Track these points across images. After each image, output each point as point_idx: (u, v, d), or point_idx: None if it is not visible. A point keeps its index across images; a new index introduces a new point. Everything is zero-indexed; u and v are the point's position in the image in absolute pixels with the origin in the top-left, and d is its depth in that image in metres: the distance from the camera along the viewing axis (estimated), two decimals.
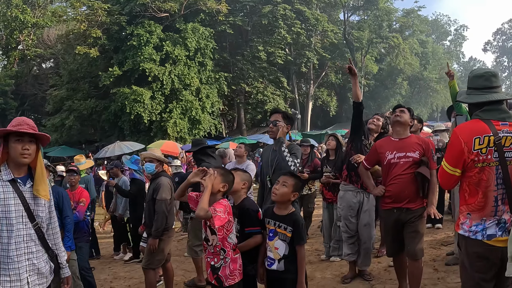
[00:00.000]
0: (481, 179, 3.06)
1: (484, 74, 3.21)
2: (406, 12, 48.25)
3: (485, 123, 3.05)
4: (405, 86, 50.96)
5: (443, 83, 54.59)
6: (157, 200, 5.53)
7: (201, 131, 29.87)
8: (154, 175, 5.81)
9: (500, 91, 3.20)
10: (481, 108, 3.14)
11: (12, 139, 2.94)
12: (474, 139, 3.02)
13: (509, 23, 77.66)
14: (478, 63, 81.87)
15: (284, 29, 34.88)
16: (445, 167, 3.21)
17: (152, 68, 27.61)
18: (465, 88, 3.39)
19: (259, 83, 35.20)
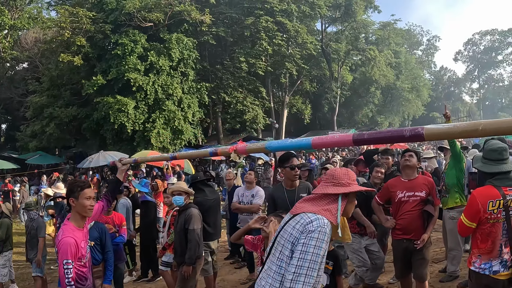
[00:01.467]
0: (491, 231, 4.00)
1: (497, 149, 4.16)
2: (383, 25, 50.28)
3: (497, 189, 3.99)
4: (378, 95, 52.66)
5: (415, 92, 57.11)
6: (190, 230, 6.07)
7: (183, 141, 30.77)
8: (183, 206, 6.36)
9: (508, 162, 4.13)
10: (493, 176, 4.10)
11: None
12: (488, 202, 3.95)
13: (480, 34, 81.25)
14: (449, 72, 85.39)
15: (266, 40, 36.05)
16: (464, 221, 4.14)
17: (137, 78, 28.38)
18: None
19: (238, 93, 36.36)
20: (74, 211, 4.05)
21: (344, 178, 3.06)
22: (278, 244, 3.00)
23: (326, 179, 3.10)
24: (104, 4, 30.63)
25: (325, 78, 47.00)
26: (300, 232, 2.83)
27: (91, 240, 5.47)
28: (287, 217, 3.10)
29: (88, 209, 4.05)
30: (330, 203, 2.99)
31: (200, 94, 32.99)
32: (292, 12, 38.07)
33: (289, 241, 2.87)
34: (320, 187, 3.12)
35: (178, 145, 30.58)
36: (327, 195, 3.01)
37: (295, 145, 3.43)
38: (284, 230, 2.99)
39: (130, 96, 28.66)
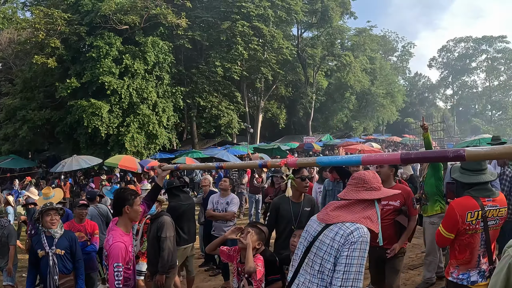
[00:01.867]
0: (469, 242, 4.04)
1: None
2: (359, 31, 51.12)
3: (475, 200, 4.00)
4: (352, 101, 53.54)
5: (390, 98, 58.06)
6: (162, 237, 6.03)
7: (157, 145, 30.79)
8: (155, 214, 6.40)
9: (486, 173, 4.14)
10: (472, 187, 4.11)
11: None
12: (467, 213, 3.96)
13: (454, 41, 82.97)
14: (423, 78, 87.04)
15: (242, 45, 36.40)
16: (442, 232, 4.16)
17: (111, 81, 28.28)
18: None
19: (213, 97, 36.58)
20: (126, 217, 4.44)
21: (375, 182, 3.12)
22: (316, 256, 2.95)
23: (355, 184, 3.10)
24: (79, 5, 30.39)
25: (301, 83, 47.60)
26: (342, 244, 2.81)
27: (61, 249, 5.60)
28: (319, 226, 3.05)
29: (139, 215, 4.59)
30: (367, 209, 2.99)
31: (175, 98, 33.05)
32: (269, 17, 38.52)
33: (330, 254, 2.85)
34: (350, 191, 3.11)
35: (153, 150, 30.61)
36: (362, 200, 3.02)
37: (345, 161, 3.55)
38: (321, 241, 2.95)
39: (104, 100, 28.49)
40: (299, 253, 3.15)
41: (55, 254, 5.54)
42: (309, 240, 3.07)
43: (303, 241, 3.15)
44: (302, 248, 3.11)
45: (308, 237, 3.10)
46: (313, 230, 3.09)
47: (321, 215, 3.12)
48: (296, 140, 43.00)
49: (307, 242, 3.08)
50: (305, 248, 3.08)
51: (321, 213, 3.15)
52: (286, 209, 5.45)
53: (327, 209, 3.12)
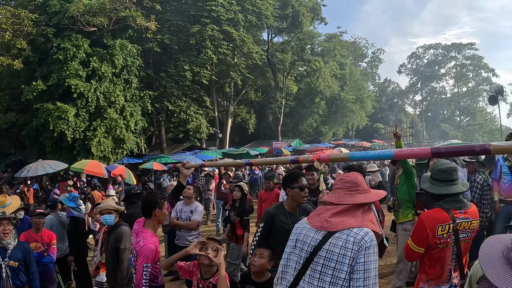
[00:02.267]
0: (440, 256, 3.91)
1: (447, 169, 4.03)
2: (329, 36, 51.76)
3: (446, 213, 3.86)
4: (322, 106, 54.05)
5: (359, 103, 58.88)
6: (121, 249, 5.82)
7: (125, 150, 30.64)
8: (114, 224, 6.17)
9: (457, 183, 4.02)
10: (442, 198, 3.98)
11: None
12: (437, 226, 3.81)
13: (424, 47, 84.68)
14: (393, 84, 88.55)
15: (211, 49, 36.48)
16: (412, 246, 4.00)
17: (78, 84, 28.01)
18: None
19: (182, 101, 36.65)
20: (154, 220, 4.69)
21: (365, 184, 3.12)
22: (325, 267, 2.87)
23: (349, 187, 3.05)
24: (47, 6, 30.06)
25: (270, 88, 47.93)
26: (356, 251, 2.77)
27: (15, 261, 5.51)
28: (317, 235, 2.97)
29: (166, 217, 4.95)
30: (367, 213, 2.98)
31: (143, 102, 32.93)
32: (239, 21, 38.66)
33: (343, 263, 2.80)
34: (345, 196, 3.04)
35: (120, 155, 30.45)
36: (359, 204, 2.98)
37: (378, 155, 3.61)
38: (328, 251, 2.87)
39: (70, 103, 28.23)
40: (293, 265, 3.05)
41: (8, 266, 5.46)
42: (308, 251, 2.97)
43: (298, 252, 3.04)
44: (299, 260, 3.01)
45: (306, 248, 3.00)
46: (310, 239, 3.00)
47: (318, 222, 3.03)
48: (266, 145, 43.25)
49: (306, 253, 2.98)
50: (304, 259, 2.98)
51: (315, 220, 3.06)
52: (284, 221, 4.96)
53: (322, 215, 3.04)
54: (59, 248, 7.96)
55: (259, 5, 40.18)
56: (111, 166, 24.86)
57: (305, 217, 3.26)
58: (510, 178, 7.71)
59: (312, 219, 3.10)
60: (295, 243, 3.11)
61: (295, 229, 3.21)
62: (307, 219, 3.16)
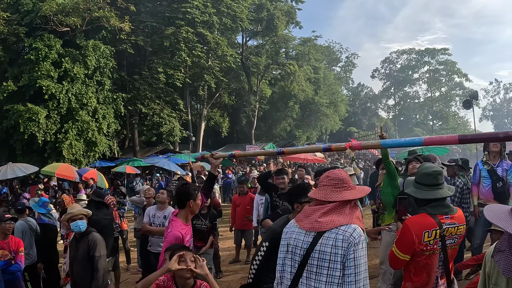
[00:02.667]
0: (427, 263, 3.76)
1: (432, 173, 3.85)
2: (303, 40, 52.06)
3: (432, 218, 3.70)
4: (296, 110, 54.24)
5: (333, 107, 59.27)
6: (96, 257, 5.57)
7: (97, 153, 30.49)
8: (85, 230, 5.80)
9: (443, 187, 3.86)
10: (429, 203, 3.82)
11: None
12: (424, 232, 3.66)
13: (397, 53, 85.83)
14: (366, 88, 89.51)
15: (185, 51, 36.44)
16: (396, 253, 3.82)
17: (49, 86, 27.81)
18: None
19: (155, 104, 36.51)
20: (188, 210, 4.90)
21: (350, 180, 3.18)
22: (319, 268, 2.96)
23: (335, 184, 3.13)
24: (20, 5, 29.73)
25: (244, 92, 47.92)
26: (346, 248, 2.87)
27: None
28: (307, 237, 3.05)
29: (199, 208, 5.09)
30: (354, 209, 3.06)
31: (116, 105, 32.79)
32: (214, 24, 38.63)
33: (336, 262, 2.90)
34: (332, 193, 3.10)
35: (92, 158, 30.30)
36: (346, 201, 3.07)
37: (408, 142, 3.81)
38: (320, 252, 2.96)
39: (42, 105, 28.04)
40: (289, 270, 3.13)
41: None
42: (301, 254, 3.05)
43: (291, 256, 3.12)
44: (294, 264, 3.10)
45: (298, 251, 3.07)
46: (301, 242, 3.07)
47: (307, 223, 3.09)
48: (239, 149, 43.08)
49: (299, 256, 3.06)
50: (299, 263, 3.06)
51: (305, 222, 3.12)
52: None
53: (311, 216, 3.10)
54: (27, 255, 7.62)
55: (234, 8, 40.21)
56: (83, 170, 24.65)
57: (293, 220, 3.32)
58: (490, 182, 7.76)
59: (302, 221, 3.16)
60: (286, 248, 3.18)
61: (285, 233, 3.27)
62: (296, 222, 3.22)
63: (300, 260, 3.06)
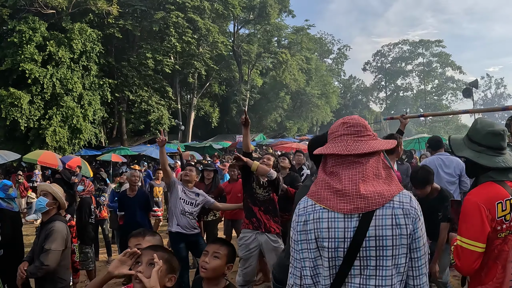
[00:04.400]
0: (502, 251, 2.82)
1: (501, 132, 2.95)
2: (296, 29, 51.61)
3: (501, 185, 2.84)
4: (287, 100, 53.92)
5: (324, 99, 59.01)
6: (45, 249, 4.67)
7: (82, 141, 29.75)
8: (48, 219, 4.97)
9: (506, 153, 2.98)
10: (493, 170, 2.91)
11: None
12: (496, 204, 2.76)
13: (389, 45, 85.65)
14: (358, 81, 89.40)
15: (175, 37, 35.83)
16: (464, 243, 2.82)
17: (33, 70, 27.04)
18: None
19: (144, 91, 35.86)
20: None
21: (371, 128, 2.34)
22: (380, 259, 2.09)
23: (356, 132, 2.25)
24: None
25: (234, 81, 47.56)
26: (411, 224, 2.11)
27: None
28: (350, 221, 2.11)
29: None
30: (388, 170, 2.25)
31: (102, 91, 32.01)
32: (205, 9, 38.12)
33: (401, 246, 2.08)
34: (353, 143, 2.20)
35: (77, 145, 29.58)
36: (376, 161, 2.21)
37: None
38: (377, 238, 2.08)
39: (25, 90, 27.28)
40: (327, 272, 2.16)
41: None
42: (345, 248, 2.11)
43: (328, 253, 2.15)
44: (334, 263, 2.15)
45: (337, 244, 2.13)
46: (341, 231, 2.13)
47: (344, 203, 2.13)
48: (229, 139, 42.75)
49: (342, 250, 2.12)
50: (341, 259, 2.13)
51: (337, 201, 2.15)
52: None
53: (346, 191, 2.13)
54: None
55: None
56: (66, 157, 23.77)
57: (312, 205, 2.25)
58: None
59: (331, 200, 2.17)
60: (316, 243, 2.19)
61: (306, 223, 2.22)
62: (320, 202, 2.21)
63: (344, 256, 2.13)
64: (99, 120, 32.67)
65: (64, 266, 5.05)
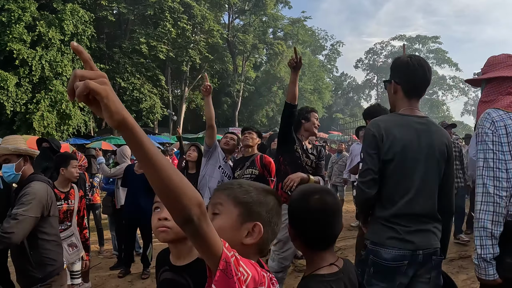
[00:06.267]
0: None
1: None
2: (292, 21, 51.17)
3: None
4: (280, 95, 53.50)
5: (317, 94, 58.63)
6: (13, 214, 3.43)
7: (71, 127, 28.97)
8: (25, 180, 3.72)
9: None
10: None
11: None
12: None
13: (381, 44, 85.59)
14: (349, 78, 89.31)
15: (170, 22, 35.21)
16: None
17: (21, 50, 26.22)
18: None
19: (136, 79, 35.10)
20: None
21: None
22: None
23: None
24: None
25: (227, 74, 46.99)
26: None
27: None
28: None
29: None
30: None
31: None
32: None
33: None
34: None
35: (65, 132, 28.67)
36: None
37: None
38: None
39: (12, 71, 26.51)
40: None
41: None
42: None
43: None
44: None
45: None
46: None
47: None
48: (221, 133, 41.84)
49: None
50: None
51: None
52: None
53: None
54: None
55: None
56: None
57: (505, 113, 2.76)
58: None
59: None
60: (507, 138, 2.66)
61: (506, 128, 2.68)
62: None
63: None
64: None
65: (54, 243, 3.80)
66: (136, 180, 7.24)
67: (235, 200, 1.62)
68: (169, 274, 2.15)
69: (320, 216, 1.93)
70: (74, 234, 5.18)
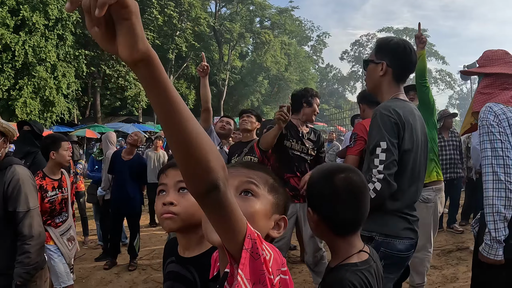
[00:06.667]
0: None
1: None
2: (280, 10, 50.98)
3: None
4: (265, 85, 53.50)
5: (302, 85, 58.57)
6: (21, 213, 3.04)
7: (54, 114, 28.50)
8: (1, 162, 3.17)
9: None
10: None
11: None
12: None
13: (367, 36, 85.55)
14: (335, 70, 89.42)
15: (157, 9, 34.89)
16: None
17: (4, 35, 25.59)
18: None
19: (121, 66, 34.64)
20: None
21: None
22: None
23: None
24: None
25: (213, 62, 46.69)
26: None
27: None
28: None
29: None
30: None
31: (78, 63, 30.73)
32: None
33: None
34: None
35: (49, 120, 28.24)
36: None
37: None
38: None
39: None
40: None
41: None
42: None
43: None
44: None
45: None
46: None
47: None
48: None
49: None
50: None
51: None
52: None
53: None
54: None
55: None
56: None
57: (494, 104, 2.95)
58: None
59: None
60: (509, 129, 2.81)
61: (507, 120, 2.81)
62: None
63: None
64: (73, 95, 31.46)
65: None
66: (123, 167, 7.07)
67: (271, 187, 1.42)
68: (175, 266, 1.92)
69: (349, 196, 1.82)
70: (71, 226, 4.80)
